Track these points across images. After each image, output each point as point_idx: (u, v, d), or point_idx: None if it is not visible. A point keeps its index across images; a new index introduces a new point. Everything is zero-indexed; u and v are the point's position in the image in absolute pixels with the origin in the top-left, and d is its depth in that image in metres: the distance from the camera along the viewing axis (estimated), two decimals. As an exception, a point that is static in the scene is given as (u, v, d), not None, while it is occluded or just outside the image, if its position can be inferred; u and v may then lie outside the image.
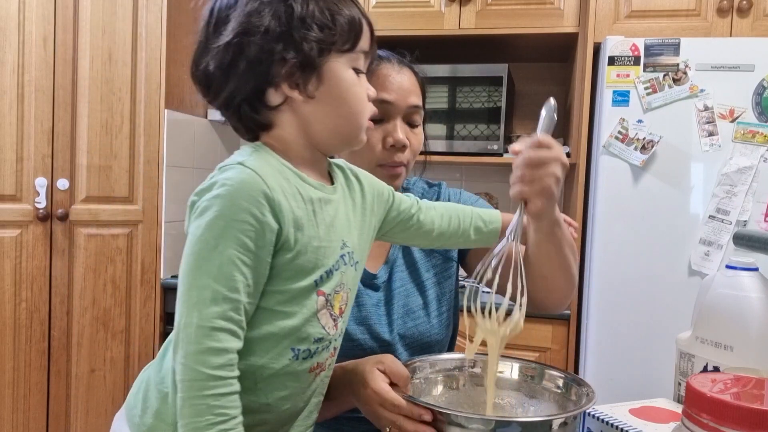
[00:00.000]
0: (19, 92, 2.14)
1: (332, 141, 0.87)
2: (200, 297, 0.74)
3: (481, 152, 2.25)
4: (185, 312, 0.74)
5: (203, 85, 0.84)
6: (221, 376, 0.73)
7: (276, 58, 0.80)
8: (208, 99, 0.86)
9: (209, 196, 0.76)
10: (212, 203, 0.75)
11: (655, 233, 1.88)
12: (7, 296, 2.15)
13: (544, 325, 2.08)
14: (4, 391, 2.17)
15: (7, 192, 2.14)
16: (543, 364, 0.90)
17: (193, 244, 0.76)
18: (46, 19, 2.15)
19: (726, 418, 0.53)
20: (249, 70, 0.80)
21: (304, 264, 0.80)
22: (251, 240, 0.76)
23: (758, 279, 0.85)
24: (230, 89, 0.82)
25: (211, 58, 0.82)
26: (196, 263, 0.75)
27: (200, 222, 0.76)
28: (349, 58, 0.85)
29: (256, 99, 0.83)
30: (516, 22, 2.21)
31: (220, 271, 0.75)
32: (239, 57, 0.80)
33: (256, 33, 0.80)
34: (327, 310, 0.85)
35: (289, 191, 0.80)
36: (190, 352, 0.73)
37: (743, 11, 1.95)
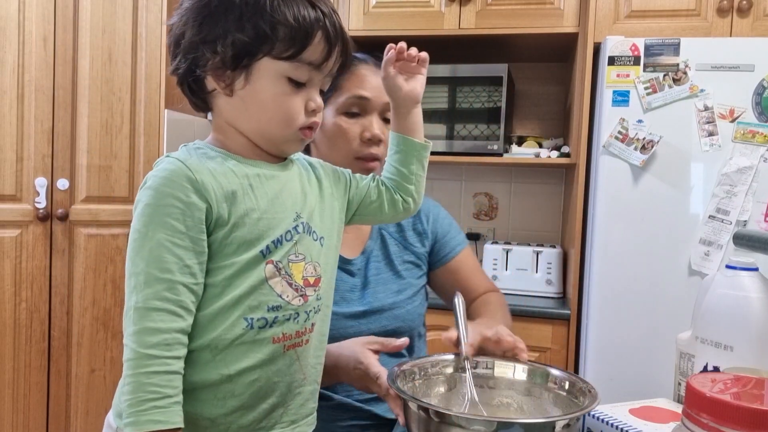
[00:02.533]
0: (19, 92, 2.14)
1: (259, 140, 0.88)
2: (137, 281, 0.78)
3: (481, 152, 2.25)
4: (127, 297, 0.79)
5: (171, 55, 0.88)
6: (155, 355, 0.76)
7: (205, 49, 0.83)
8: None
9: (141, 189, 0.81)
10: (142, 195, 0.81)
11: (655, 233, 1.88)
12: (7, 296, 2.15)
13: (544, 325, 2.07)
14: (4, 391, 2.17)
15: (7, 192, 2.14)
16: (544, 365, 0.90)
17: (130, 236, 0.81)
18: (46, 19, 2.15)
19: (726, 418, 0.53)
20: (185, 53, 0.84)
21: (245, 236, 0.83)
22: (179, 222, 0.79)
23: (758, 279, 0.85)
24: (174, 65, 0.86)
25: (171, 33, 0.86)
26: (133, 252, 0.80)
27: (135, 214, 0.81)
28: (286, 66, 0.83)
29: (193, 80, 0.86)
30: (516, 22, 2.21)
31: (151, 255, 0.79)
32: (180, 39, 0.84)
33: (195, 20, 0.83)
34: (282, 278, 0.86)
35: (219, 171, 0.83)
36: (130, 333, 0.77)
37: (743, 11, 1.95)
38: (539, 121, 2.65)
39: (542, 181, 2.66)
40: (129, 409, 0.75)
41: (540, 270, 2.26)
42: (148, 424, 0.74)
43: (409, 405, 0.77)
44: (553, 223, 2.66)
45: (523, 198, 2.68)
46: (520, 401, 0.88)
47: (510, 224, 2.70)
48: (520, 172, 2.69)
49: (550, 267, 2.25)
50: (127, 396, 0.75)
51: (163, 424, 0.74)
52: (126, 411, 0.75)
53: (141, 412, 0.74)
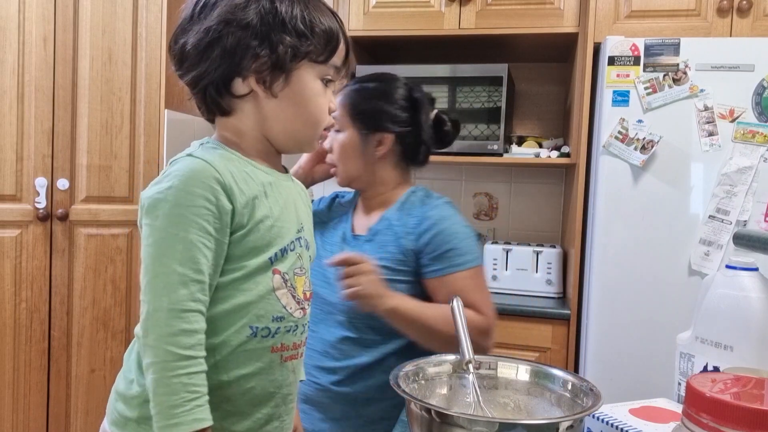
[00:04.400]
0: (19, 92, 2.13)
1: (286, 141, 0.92)
2: (168, 282, 0.78)
3: (481, 152, 2.25)
4: (153, 298, 0.78)
5: (177, 59, 0.88)
6: (193, 356, 0.78)
7: (250, 53, 0.85)
8: (179, 73, 0.90)
9: (162, 188, 0.80)
10: (166, 194, 0.80)
11: (655, 233, 1.88)
12: (7, 296, 2.15)
13: (544, 325, 2.08)
14: (4, 391, 2.17)
15: (7, 192, 2.14)
16: (546, 365, 0.90)
17: (154, 235, 0.80)
18: (46, 19, 2.15)
19: (726, 418, 0.53)
20: (222, 57, 0.85)
21: (256, 241, 0.85)
22: (209, 223, 0.80)
23: (758, 279, 0.85)
24: (201, 70, 0.86)
25: (191, 38, 0.85)
26: (160, 251, 0.79)
27: (157, 213, 0.79)
28: (320, 69, 0.89)
29: (223, 84, 0.87)
30: (516, 22, 2.21)
31: (185, 256, 0.78)
32: (216, 43, 0.85)
33: (237, 25, 0.84)
34: (288, 291, 0.89)
35: (239, 176, 0.84)
36: (162, 334, 0.77)
37: (743, 11, 1.95)
38: (539, 121, 2.65)
39: (542, 181, 2.66)
40: (171, 411, 0.75)
41: (540, 270, 2.26)
42: (194, 423, 0.75)
43: (411, 406, 0.77)
44: (553, 223, 2.66)
45: (523, 198, 2.68)
46: (523, 401, 0.88)
47: (510, 224, 2.70)
48: (520, 172, 2.69)
49: (550, 267, 2.25)
50: (165, 397, 0.76)
51: (205, 421, 0.77)
52: (165, 413, 0.75)
53: (186, 413, 0.75)
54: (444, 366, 0.91)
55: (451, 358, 0.91)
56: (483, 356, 0.91)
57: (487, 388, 0.89)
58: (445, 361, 0.91)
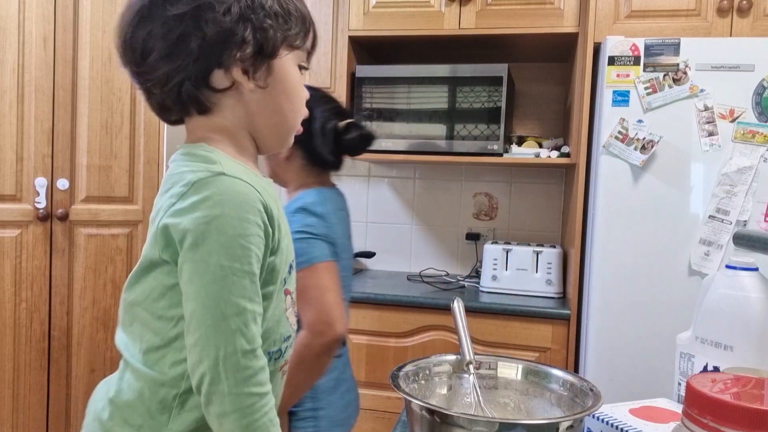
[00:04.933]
0: (19, 92, 2.14)
1: (270, 137, 0.85)
2: (241, 321, 0.72)
3: (481, 152, 2.25)
4: (225, 342, 0.72)
5: (139, 54, 0.78)
6: (269, 390, 0.75)
7: (234, 40, 0.77)
8: (138, 70, 0.80)
9: (207, 216, 0.72)
10: (217, 224, 0.72)
11: (655, 233, 1.88)
12: (7, 296, 2.15)
13: (544, 325, 2.08)
14: (4, 391, 2.17)
15: (7, 192, 2.14)
16: (546, 365, 0.90)
17: (211, 272, 0.72)
18: (46, 19, 2.15)
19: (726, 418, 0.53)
20: (201, 47, 0.76)
21: (279, 263, 0.81)
22: (261, 251, 0.76)
23: (758, 279, 0.85)
24: (175, 64, 0.77)
25: (156, 27, 0.76)
26: (225, 289, 0.72)
27: (209, 247, 0.72)
28: (297, 54, 0.84)
29: (202, 78, 0.78)
30: (516, 22, 2.21)
31: (252, 290, 0.74)
32: (193, 32, 0.76)
33: (217, 10, 0.76)
34: (293, 309, 0.87)
35: (268, 193, 0.79)
36: (241, 379, 0.72)
37: (743, 11, 1.95)
38: (539, 121, 2.65)
39: (542, 181, 2.66)
40: None
41: (540, 270, 2.26)
42: None
43: (411, 406, 0.77)
44: (553, 223, 2.66)
45: (523, 198, 2.68)
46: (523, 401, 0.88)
47: (510, 224, 2.70)
48: (520, 172, 2.69)
49: (550, 267, 2.25)
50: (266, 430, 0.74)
51: None
52: None
53: None
54: (444, 366, 0.91)
55: (451, 358, 0.91)
56: (483, 356, 0.91)
57: (487, 388, 0.89)
58: (445, 361, 0.91)
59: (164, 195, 0.78)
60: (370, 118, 2.34)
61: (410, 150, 2.30)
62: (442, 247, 2.76)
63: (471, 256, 2.73)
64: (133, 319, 0.83)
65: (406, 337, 2.17)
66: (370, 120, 2.33)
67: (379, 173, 2.80)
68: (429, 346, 2.15)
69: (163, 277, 0.77)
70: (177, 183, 0.76)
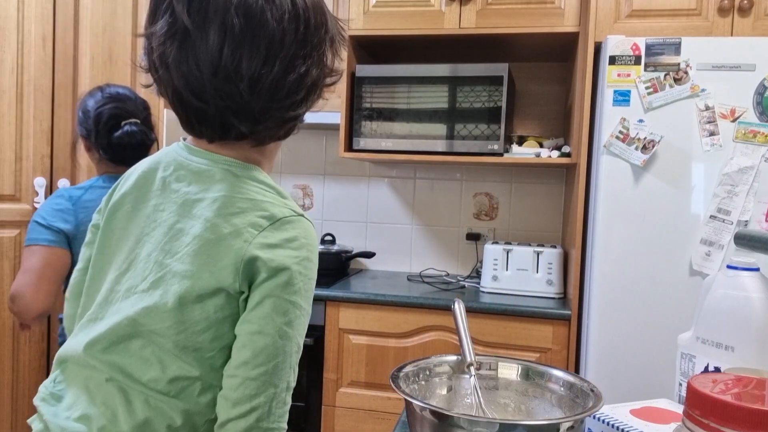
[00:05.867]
0: (18, 92, 2.13)
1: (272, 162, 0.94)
2: (295, 360, 0.79)
3: (481, 152, 2.25)
4: (282, 378, 0.77)
5: (274, 89, 0.81)
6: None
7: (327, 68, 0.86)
8: (262, 102, 0.81)
9: (300, 258, 0.78)
10: (305, 267, 0.79)
11: (655, 233, 1.88)
12: (6, 296, 2.15)
13: (544, 325, 2.07)
14: (3, 391, 2.17)
15: (6, 192, 2.14)
16: (546, 365, 0.89)
17: (293, 312, 0.77)
18: (45, 19, 2.14)
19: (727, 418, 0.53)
20: (314, 88, 0.84)
21: None
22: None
23: (759, 279, 0.85)
24: (304, 108, 0.85)
25: (303, 67, 0.81)
26: (297, 330, 0.78)
27: (297, 288, 0.78)
28: None
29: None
30: (516, 21, 2.21)
31: (306, 328, 0.80)
32: (318, 75, 0.84)
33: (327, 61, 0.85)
34: None
35: None
36: (284, 413, 0.78)
37: (744, 11, 1.95)
38: (540, 120, 2.65)
39: (542, 181, 2.66)
40: None
41: (540, 270, 2.26)
42: None
43: (412, 406, 0.77)
44: (553, 223, 2.66)
45: (524, 198, 2.68)
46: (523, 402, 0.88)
47: (510, 224, 2.69)
48: (520, 172, 2.69)
49: (551, 267, 2.25)
50: None
51: None
52: None
53: None
54: (444, 367, 0.91)
55: (451, 359, 0.91)
56: (483, 357, 0.91)
57: (487, 389, 0.89)
58: (445, 361, 0.91)
59: (233, 217, 0.79)
60: (370, 117, 2.33)
61: (410, 150, 2.30)
62: (443, 247, 2.76)
63: (471, 256, 2.72)
64: (144, 344, 0.80)
65: (406, 337, 2.16)
66: (370, 120, 2.33)
67: (379, 173, 2.80)
68: (429, 347, 2.14)
69: (217, 309, 0.78)
70: (253, 210, 0.79)
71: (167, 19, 0.78)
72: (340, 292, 2.20)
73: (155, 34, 0.79)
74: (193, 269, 0.77)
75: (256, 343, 0.75)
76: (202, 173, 0.83)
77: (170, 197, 0.83)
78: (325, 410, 2.23)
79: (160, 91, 0.83)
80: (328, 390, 2.23)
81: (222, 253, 0.77)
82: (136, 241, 0.84)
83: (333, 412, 2.23)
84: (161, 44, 0.78)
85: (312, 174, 2.87)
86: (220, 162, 0.83)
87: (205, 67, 0.77)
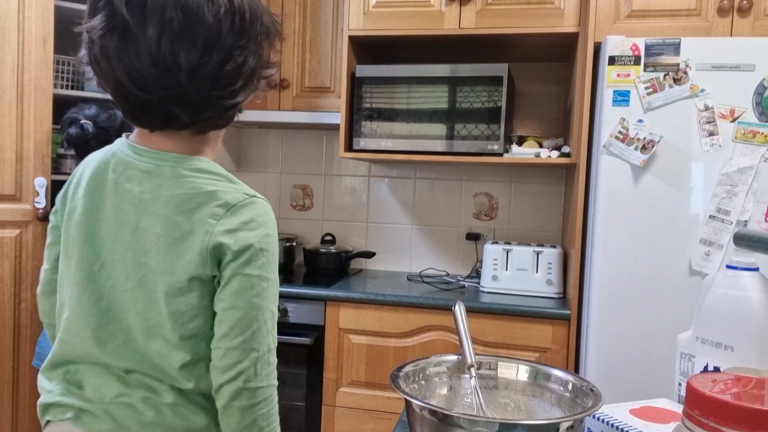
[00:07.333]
0: (19, 92, 2.13)
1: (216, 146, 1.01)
2: (272, 324, 0.87)
3: (481, 152, 2.25)
4: (262, 343, 0.85)
5: (225, 78, 0.86)
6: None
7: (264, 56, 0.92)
8: (214, 94, 0.86)
9: (260, 235, 0.85)
10: (267, 242, 0.86)
11: (655, 233, 1.88)
12: (6, 296, 2.15)
13: (544, 325, 2.07)
14: (3, 391, 2.17)
15: (6, 192, 2.14)
16: (546, 365, 0.90)
17: (261, 284, 0.85)
18: (45, 19, 2.14)
19: (726, 418, 0.53)
20: (256, 78, 0.91)
21: None
22: None
23: (759, 279, 0.85)
24: (246, 95, 0.90)
25: (240, 56, 0.85)
26: (269, 299, 0.86)
27: (265, 262, 0.85)
28: None
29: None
30: (516, 21, 2.21)
31: (276, 298, 0.88)
32: (256, 64, 0.90)
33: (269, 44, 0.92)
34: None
35: None
36: (270, 372, 0.86)
37: (744, 11, 1.95)
38: (539, 120, 2.65)
39: (542, 181, 2.66)
40: (278, 429, 0.89)
41: (540, 270, 2.26)
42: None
43: (412, 406, 0.77)
44: (553, 223, 2.66)
45: (523, 198, 2.68)
46: (523, 402, 0.88)
47: (510, 224, 2.70)
48: (520, 172, 2.69)
49: (551, 267, 2.25)
50: (276, 418, 0.88)
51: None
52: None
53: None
54: (444, 366, 0.91)
55: (451, 359, 0.91)
56: (483, 357, 0.91)
57: (487, 389, 0.89)
58: (445, 361, 0.91)
59: (192, 213, 0.84)
60: (370, 117, 2.33)
61: (410, 150, 2.30)
62: (442, 247, 2.76)
63: (471, 256, 2.73)
64: (153, 339, 0.87)
65: (406, 337, 2.17)
66: (370, 120, 2.33)
67: (379, 173, 2.80)
68: (429, 346, 2.15)
69: (198, 297, 0.85)
70: (208, 202, 0.85)
71: (106, 13, 0.81)
72: (340, 292, 2.20)
73: (95, 28, 0.82)
74: (167, 266, 0.84)
75: (231, 317, 0.83)
76: (151, 172, 0.87)
77: (125, 197, 0.87)
78: (325, 410, 2.24)
79: (101, 83, 0.86)
80: (328, 390, 2.23)
81: (189, 248, 0.84)
82: (103, 242, 0.88)
83: (333, 412, 2.23)
84: (101, 37, 0.81)
85: (312, 174, 2.87)
86: (167, 159, 0.87)
87: (145, 59, 0.81)
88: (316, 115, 2.50)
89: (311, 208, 2.87)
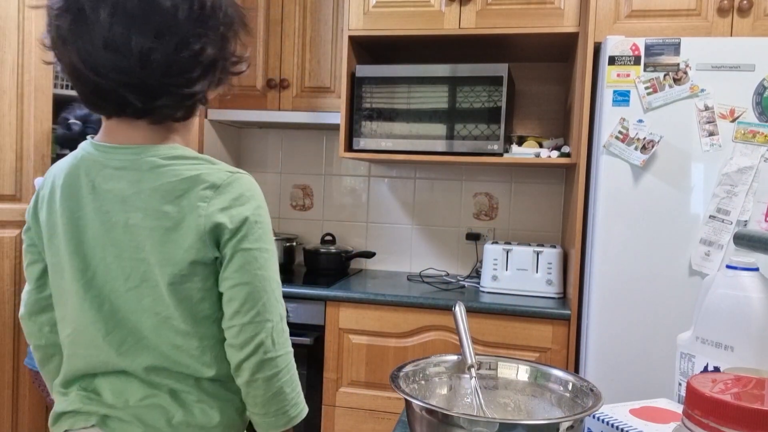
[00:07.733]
0: (19, 92, 2.13)
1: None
2: (279, 293, 0.89)
3: (481, 152, 2.25)
4: (274, 312, 0.87)
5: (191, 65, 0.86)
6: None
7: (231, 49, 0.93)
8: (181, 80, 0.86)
9: (252, 208, 0.87)
10: (261, 214, 0.88)
11: (655, 233, 1.88)
12: (6, 296, 2.15)
13: (544, 325, 2.07)
14: (4, 391, 2.17)
15: (6, 192, 2.14)
16: (546, 365, 0.90)
17: (264, 256, 0.87)
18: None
19: (726, 418, 0.53)
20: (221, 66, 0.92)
21: None
22: None
23: (759, 279, 0.85)
24: (210, 80, 0.89)
25: (201, 42, 0.85)
26: (273, 269, 0.88)
27: (261, 234, 0.87)
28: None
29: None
30: (516, 21, 2.21)
31: (276, 264, 0.90)
32: (225, 49, 0.91)
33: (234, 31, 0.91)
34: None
35: None
36: (286, 339, 0.89)
37: (744, 11, 1.95)
38: (539, 120, 2.65)
39: (542, 181, 2.66)
40: (300, 397, 0.90)
41: (540, 270, 2.26)
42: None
43: (412, 406, 0.77)
44: (553, 223, 2.66)
45: (523, 198, 2.68)
46: (523, 402, 0.88)
47: (510, 224, 2.70)
48: (520, 172, 2.69)
49: (551, 267, 2.25)
50: (297, 390, 0.90)
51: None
52: (299, 402, 0.90)
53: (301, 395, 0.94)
54: (444, 366, 0.91)
55: (451, 359, 0.91)
56: (483, 357, 0.91)
57: (487, 389, 0.89)
58: (445, 361, 0.91)
59: (180, 200, 0.84)
60: (370, 117, 2.33)
61: (410, 150, 2.30)
62: (442, 247, 2.76)
63: (471, 256, 2.73)
64: (164, 332, 0.88)
65: (406, 337, 2.17)
66: (370, 120, 2.33)
67: (379, 173, 2.80)
68: (429, 346, 2.15)
69: (202, 279, 0.86)
70: (194, 187, 0.84)
71: None
72: (340, 292, 2.20)
73: (51, 8, 0.81)
74: (165, 257, 0.84)
75: (240, 294, 0.85)
76: (127, 168, 0.86)
77: (106, 198, 0.86)
78: (325, 410, 2.24)
79: (62, 68, 0.85)
80: (328, 390, 2.23)
81: (184, 235, 0.83)
82: (92, 247, 0.87)
83: (333, 412, 2.23)
84: (56, 17, 0.80)
85: (312, 174, 2.87)
86: (140, 152, 0.86)
87: (98, 42, 0.79)
88: (316, 115, 2.50)
89: (311, 208, 2.87)
